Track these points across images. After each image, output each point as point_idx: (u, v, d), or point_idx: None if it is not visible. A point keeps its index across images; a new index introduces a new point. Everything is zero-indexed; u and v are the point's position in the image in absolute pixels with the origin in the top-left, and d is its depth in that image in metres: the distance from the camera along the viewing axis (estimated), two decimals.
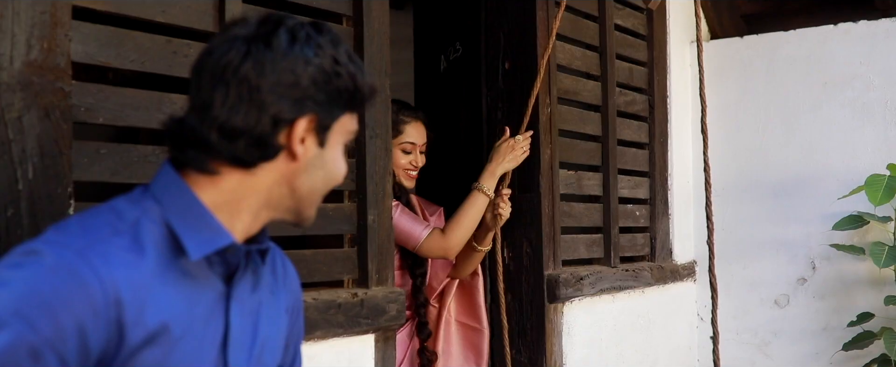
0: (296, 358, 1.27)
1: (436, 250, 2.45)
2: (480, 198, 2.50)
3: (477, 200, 2.50)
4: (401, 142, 2.53)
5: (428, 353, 2.55)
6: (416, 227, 2.45)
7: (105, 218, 1.00)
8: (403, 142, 2.54)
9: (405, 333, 2.55)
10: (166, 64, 1.66)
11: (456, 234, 2.47)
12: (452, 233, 2.46)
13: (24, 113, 1.40)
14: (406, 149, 2.54)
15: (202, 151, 1.02)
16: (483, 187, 2.51)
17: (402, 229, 2.42)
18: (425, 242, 2.44)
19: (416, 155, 2.57)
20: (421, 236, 2.44)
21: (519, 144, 2.58)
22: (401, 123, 2.54)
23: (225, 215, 1.05)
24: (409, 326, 2.55)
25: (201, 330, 1.02)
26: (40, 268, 0.92)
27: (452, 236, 2.46)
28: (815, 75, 3.60)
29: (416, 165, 2.57)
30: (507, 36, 2.92)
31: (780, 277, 3.60)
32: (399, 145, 2.53)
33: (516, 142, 2.57)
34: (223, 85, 1.01)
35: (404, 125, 2.55)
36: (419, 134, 2.57)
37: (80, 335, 0.91)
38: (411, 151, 2.55)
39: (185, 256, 1.01)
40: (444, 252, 2.47)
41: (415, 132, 2.56)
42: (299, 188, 1.07)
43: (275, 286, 1.18)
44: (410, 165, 2.56)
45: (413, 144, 2.55)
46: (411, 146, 2.55)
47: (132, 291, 0.95)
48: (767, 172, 3.67)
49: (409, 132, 2.55)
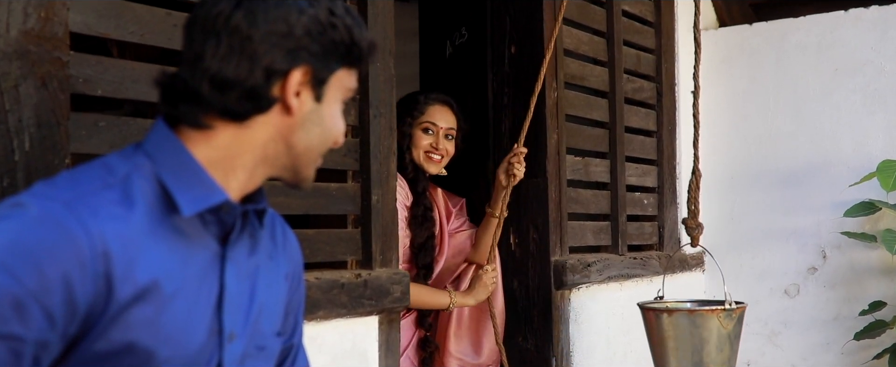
0: (296, 328, 1.24)
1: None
2: (444, 300, 2.47)
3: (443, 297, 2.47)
4: (422, 122, 2.52)
5: (430, 346, 2.52)
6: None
7: (95, 172, 0.97)
8: (424, 122, 2.52)
9: (410, 320, 2.52)
10: (166, 37, 1.64)
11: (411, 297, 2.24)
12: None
13: (20, 82, 1.38)
14: (427, 128, 2.52)
15: (194, 104, 1.00)
16: (454, 299, 2.47)
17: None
18: None
19: (439, 137, 2.52)
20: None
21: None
22: (424, 104, 2.52)
23: (219, 172, 1.02)
24: (413, 313, 2.53)
25: (195, 290, 1.00)
26: (25, 219, 0.89)
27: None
28: (825, 62, 3.56)
29: (437, 148, 2.53)
30: (514, 20, 2.89)
31: (789, 266, 3.57)
32: (419, 126, 2.51)
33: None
34: (214, 36, 0.98)
35: (427, 106, 2.53)
36: (442, 117, 2.54)
37: (67, 287, 0.89)
38: (433, 132, 2.52)
39: (178, 213, 0.98)
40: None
41: (438, 114, 2.53)
42: (296, 145, 1.04)
43: (274, 252, 1.15)
44: (431, 147, 2.52)
45: (434, 125, 2.52)
46: (432, 126, 2.52)
47: (121, 244, 0.92)
48: (777, 161, 3.64)
49: (432, 113, 2.53)
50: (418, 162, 2.52)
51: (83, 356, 0.92)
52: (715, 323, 2.27)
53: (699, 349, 2.30)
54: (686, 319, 2.31)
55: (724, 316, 2.27)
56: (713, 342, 2.29)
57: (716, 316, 2.27)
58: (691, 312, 2.33)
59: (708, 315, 2.28)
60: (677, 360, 2.34)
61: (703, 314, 2.29)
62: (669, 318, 2.33)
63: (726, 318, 2.27)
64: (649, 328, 2.42)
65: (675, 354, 2.34)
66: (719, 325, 2.26)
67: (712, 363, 2.31)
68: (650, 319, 2.40)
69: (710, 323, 2.28)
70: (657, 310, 2.38)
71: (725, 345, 2.30)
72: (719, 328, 2.27)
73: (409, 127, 2.52)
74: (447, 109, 2.56)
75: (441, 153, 2.54)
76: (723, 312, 2.27)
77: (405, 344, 2.49)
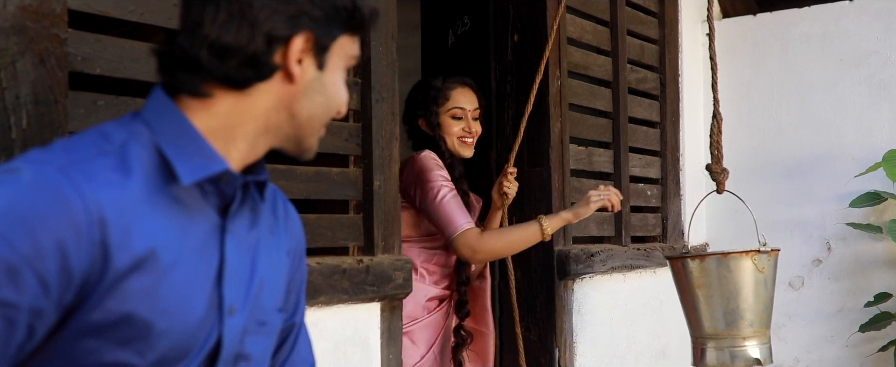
0: (298, 305, 1.22)
1: (465, 248, 2.31)
2: (534, 228, 2.36)
3: (530, 227, 2.37)
4: (449, 109, 2.46)
5: (463, 332, 2.48)
6: (460, 217, 2.31)
7: (91, 139, 0.95)
8: (452, 108, 2.46)
9: (441, 313, 2.46)
10: (166, 16, 1.62)
11: (493, 241, 2.33)
12: (490, 239, 2.33)
13: (17, 59, 1.36)
14: (456, 115, 2.46)
15: (193, 72, 0.97)
16: (543, 222, 2.36)
17: (446, 213, 2.31)
18: (461, 235, 2.30)
19: (468, 120, 2.47)
20: (460, 227, 2.30)
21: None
22: (446, 89, 2.46)
23: (220, 141, 1.00)
24: (444, 306, 2.47)
25: (194, 261, 0.97)
26: (18, 184, 0.87)
27: (488, 242, 2.32)
28: (830, 53, 3.53)
29: (471, 131, 2.47)
30: (517, 8, 2.87)
31: (794, 258, 3.54)
32: (447, 113, 2.45)
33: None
34: (213, 2, 0.96)
35: (450, 91, 2.47)
36: (468, 99, 2.49)
37: (61, 254, 0.86)
38: (462, 116, 2.46)
39: (176, 182, 0.96)
40: (471, 254, 2.32)
41: (462, 97, 2.48)
42: (299, 114, 1.02)
43: (275, 227, 1.13)
44: (463, 132, 2.46)
45: (462, 109, 2.46)
46: (461, 111, 2.46)
47: (117, 211, 0.90)
48: (781, 152, 3.61)
49: (456, 97, 2.47)
50: (454, 149, 2.46)
51: (79, 327, 0.90)
52: (749, 266, 2.11)
53: (734, 295, 2.13)
54: (717, 264, 2.15)
55: (759, 258, 2.13)
56: (749, 287, 2.12)
57: (751, 258, 2.12)
58: (724, 255, 2.17)
59: (742, 258, 2.13)
60: (710, 310, 2.18)
61: (735, 256, 2.14)
62: (699, 264, 2.16)
63: (762, 260, 2.13)
64: (678, 281, 2.25)
65: (707, 303, 2.17)
66: (754, 268, 2.11)
67: (750, 311, 2.14)
68: (678, 269, 2.23)
69: (744, 266, 2.12)
70: (685, 257, 2.22)
71: (762, 290, 2.14)
72: (755, 272, 2.12)
73: (435, 116, 2.45)
74: (469, 90, 2.50)
75: (473, 136, 2.49)
76: (757, 254, 2.13)
77: (433, 338, 2.41)
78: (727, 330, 2.17)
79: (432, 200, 2.32)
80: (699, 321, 2.22)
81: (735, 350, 2.18)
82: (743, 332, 2.17)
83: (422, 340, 2.39)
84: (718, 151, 2.44)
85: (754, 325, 2.17)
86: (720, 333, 2.18)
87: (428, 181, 2.34)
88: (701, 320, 2.22)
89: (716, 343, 2.20)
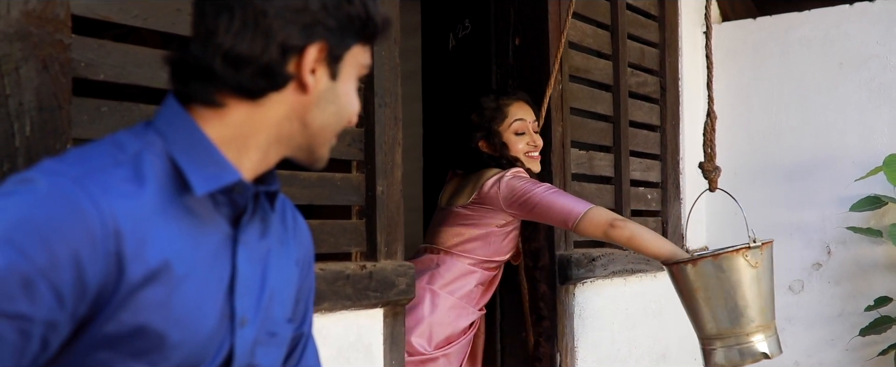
0: (307, 316, 1.21)
1: (600, 221, 2.24)
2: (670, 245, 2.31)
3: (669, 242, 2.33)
4: (510, 123, 2.41)
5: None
6: (577, 203, 2.27)
7: (105, 149, 0.94)
8: (513, 122, 2.41)
9: (472, 333, 2.45)
10: (170, 21, 1.61)
11: (633, 226, 2.27)
12: (631, 225, 2.27)
13: (21, 65, 1.34)
14: (518, 130, 2.41)
15: (206, 81, 0.96)
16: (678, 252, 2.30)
17: (563, 205, 2.26)
18: (593, 210, 2.24)
19: (530, 134, 2.43)
20: (586, 205, 2.26)
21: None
22: (503, 106, 2.42)
23: (232, 151, 0.99)
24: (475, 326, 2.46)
25: (206, 271, 0.96)
26: (34, 195, 0.86)
27: (628, 221, 2.29)
28: (830, 56, 3.53)
29: (536, 145, 2.44)
30: (518, 11, 2.86)
31: (794, 262, 3.54)
32: (509, 129, 2.41)
33: None
34: (227, 10, 0.95)
35: (507, 107, 2.42)
36: (525, 112, 2.45)
37: (77, 266, 0.85)
38: (524, 131, 2.42)
39: (190, 192, 0.95)
40: (608, 225, 2.24)
41: (520, 111, 2.44)
42: (311, 123, 1.01)
43: (285, 236, 1.12)
44: (529, 147, 2.43)
45: (523, 122, 2.42)
46: (522, 124, 2.41)
47: (132, 223, 0.89)
48: (781, 156, 3.61)
49: (515, 112, 2.43)
50: (523, 166, 2.41)
51: (93, 339, 0.89)
52: (742, 263, 2.14)
53: (733, 294, 2.16)
54: (712, 266, 2.17)
55: (751, 254, 2.15)
56: (746, 283, 2.15)
57: (741, 255, 2.15)
58: (716, 256, 2.19)
59: (733, 256, 2.15)
60: (712, 312, 2.19)
61: (727, 256, 2.16)
62: (694, 268, 2.19)
63: (753, 255, 2.15)
64: (677, 286, 2.27)
65: (708, 305, 2.19)
66: (747, 264, 2.14)
67: (751, 306, 2.17)
68: (676, 274, 2.25)
69: (738, 264, 2.15)
70: (680, 262, 2.24)
71: (760, 285, 2.17)
72: (749, 268, 2.14)
73: (498, 136, 2.41)
74: (524, 103, 2.46)
75: (538, 149, 2.46)
76: (748, 250, 2.15)
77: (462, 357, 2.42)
78: (732, 328, 2.19)
79: (543, 194, 2.28)
80: (703, 323, 2.24)
81: (743, 347, 2.20)
82: (747, 328, 2.19)
83: (456, 360, 2.41)
84: (711, 149, 2.46)
85: (757, 319, 2.19)
86: (725, 332, 2.20)
87: (529, 185, 2.30)
88: (704, 321, 2.23)
89: (723, 343, 2.22)
